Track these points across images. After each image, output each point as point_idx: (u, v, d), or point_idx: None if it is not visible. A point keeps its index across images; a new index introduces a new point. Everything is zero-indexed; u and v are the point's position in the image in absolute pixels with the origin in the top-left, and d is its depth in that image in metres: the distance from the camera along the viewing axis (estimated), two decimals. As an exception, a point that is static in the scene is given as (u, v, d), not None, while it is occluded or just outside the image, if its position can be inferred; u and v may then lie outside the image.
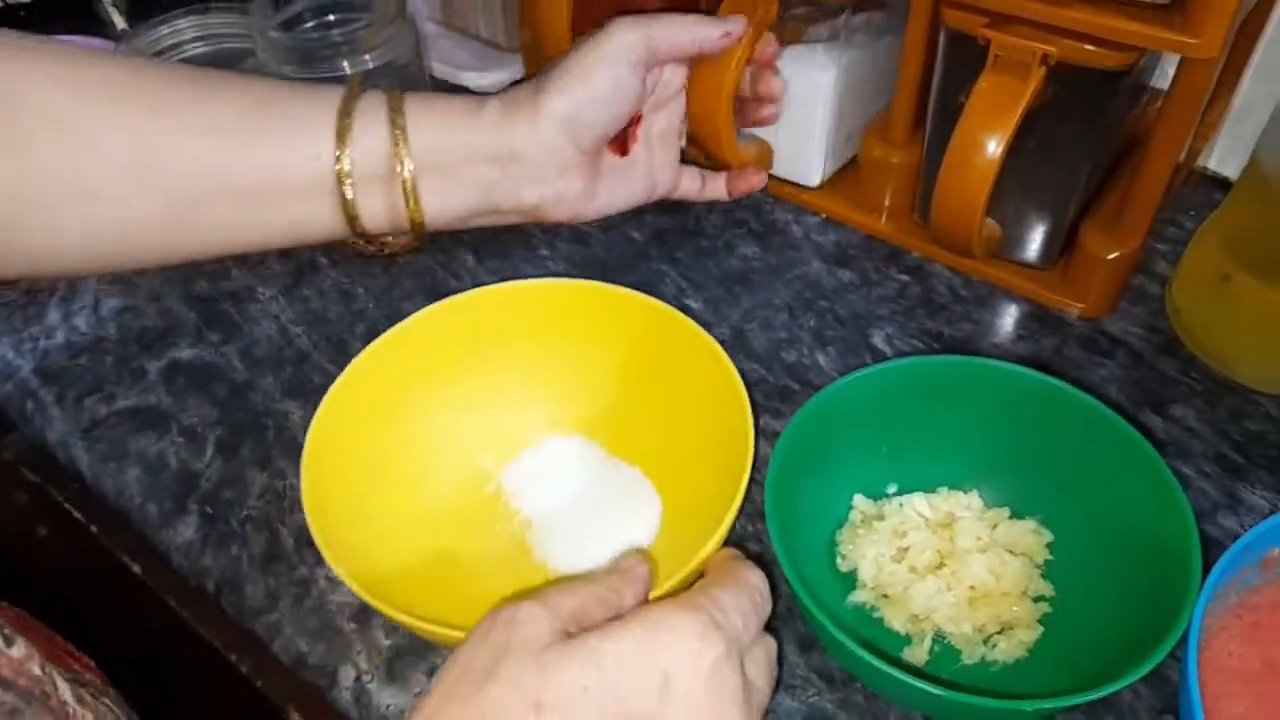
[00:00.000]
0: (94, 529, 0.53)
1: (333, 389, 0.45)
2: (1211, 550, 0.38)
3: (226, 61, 0.61)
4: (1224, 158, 0.65)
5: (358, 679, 0.44)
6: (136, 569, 0.51)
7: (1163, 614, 0.36)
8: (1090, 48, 0.47)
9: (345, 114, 0.42)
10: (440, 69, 0.79)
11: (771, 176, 0.67)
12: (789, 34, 0.60)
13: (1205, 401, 0.53)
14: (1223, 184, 0.65)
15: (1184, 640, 0.35)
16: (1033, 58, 0.47)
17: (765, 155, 0.65)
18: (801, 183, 0.66)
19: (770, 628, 0.44)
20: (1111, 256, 0.55)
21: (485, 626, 0.30)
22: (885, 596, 0.44)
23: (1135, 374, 0.55)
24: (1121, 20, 0.46)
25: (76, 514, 0.54)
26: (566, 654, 0.29)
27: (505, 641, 0.29)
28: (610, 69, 0.45)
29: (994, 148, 0.49)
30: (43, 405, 0.56)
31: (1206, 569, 0.37)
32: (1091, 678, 0.35)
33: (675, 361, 0.48)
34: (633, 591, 0.34)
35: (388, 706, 0.43)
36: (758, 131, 0.65)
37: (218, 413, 0.55)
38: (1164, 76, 0.58)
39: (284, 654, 0.45)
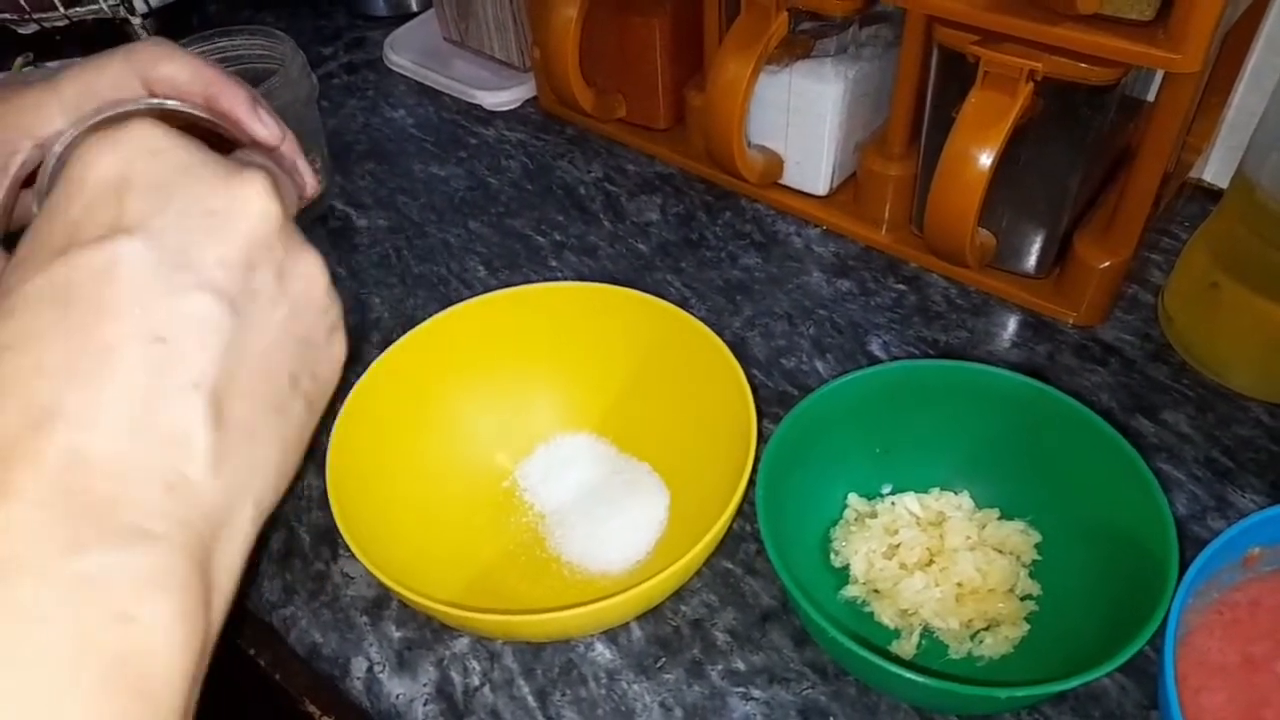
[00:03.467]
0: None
1: (353, 391, 0.47)
2: (1197, 551, 0.39)
3: (251, 82, 0.63)
4: (1219, 169, 0.66)
5: (369, 670, 0.46)
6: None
7: (1143, 611, 0.38)
8: (1076, 64, 0.49)
9: None
10: (456, 87, 0.82)
11: (780, 185, 0.69)
12: (798, 47, 0.63)
13: (1196, 407, 0.54)
14: (1217, 195, 0.66)
15: (1162, 634, 0.36)
16: (1020, 74, 0.49)
17: (774, 165, 0.67)
18: (809, 191, 0.68)
19: (756, 614, 0.46)
20: (1103, 266, 0.56)
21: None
22: (876, 591, 0.45)
23: (1127, 381, 0.56)
24: (1106, 37, 0.47)
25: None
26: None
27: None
28: None
29: (984, 160, 0.51)
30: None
31: (1188, 568, 0.38)
32: (1073, 672, 0.36)
33: (683, 361, 0.50)
34: None
35: (398, 696, 0.45)
36: (767, 143, 0.67)
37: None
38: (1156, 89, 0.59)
39: (299, 646, 0.47)
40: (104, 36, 0.82)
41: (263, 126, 0.36)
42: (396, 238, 0.69)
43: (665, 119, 0.74)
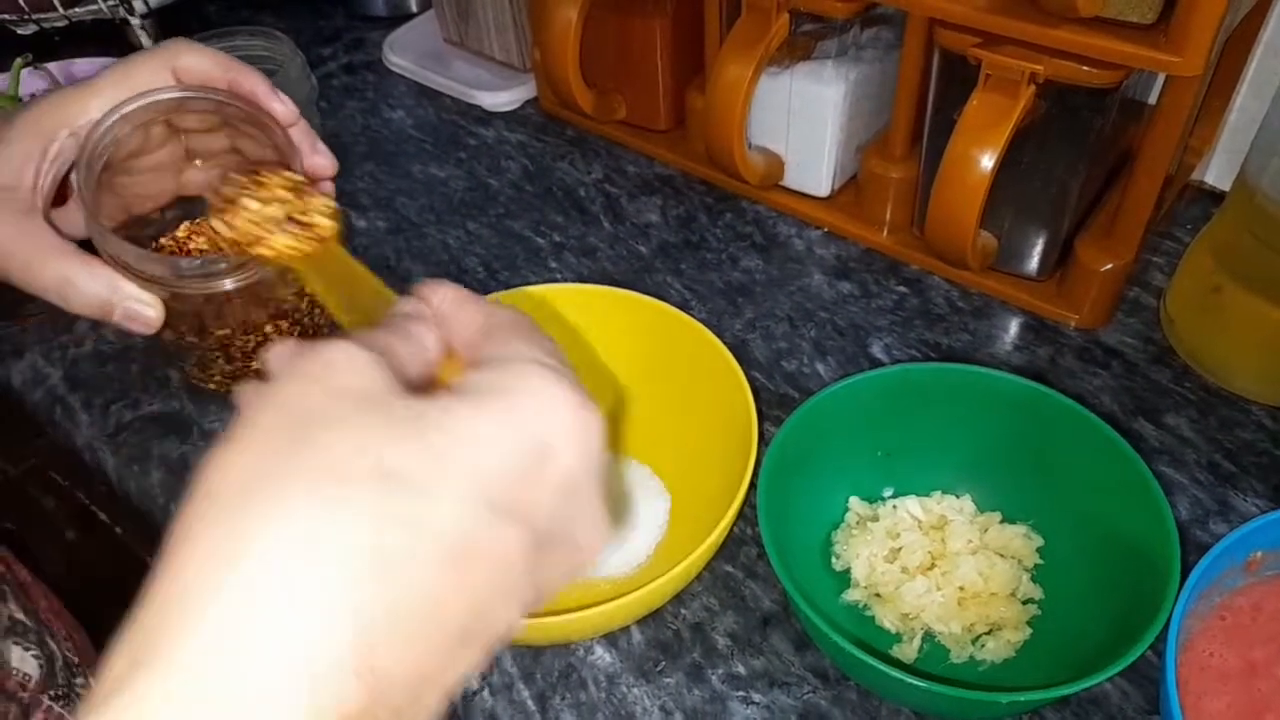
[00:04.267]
0: (119, 530, 0.56)
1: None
2: (1200, 556, 0.39)
3: (250, 82, 0.63)
4: (1221, 172, 0.66)
5: (368, 673, 0.46)
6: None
7: (1144, 615, 0.37)
8: (1078, 66, 0.49)
9: None
10: (456, 88, 0.81)
11: (781, 187, 0.68)
12: (799, 49, 0.62)
13: (1198, 410, 0.54)
14: (1218, 198, 0.65)
15: (1164, 639, 0.36)
16: (1022, 76, 0.49)
17: (775, 167, 0.67)
18: (811, 193, 0.68)
19: (757, 618, 0.46)
20: (1105, 268, 0.56)
21: (293, 370, 0.23)
22: (877, 595, 0.45)
23: (1129, 384, 0.56)
24: (1107, 40, 0.47)
25: (102, 515, 0.56)
26: (417, 413, 0.22)
27: (331, 383, 0.22)
28: None
29: (986, 163, 0.50)
30: (71, 411, 0.58)
31: (1191, 572, 0.38)
32: (1075, 677, 0.36)
33: (684, 363, 0.50)
34: (433, 336, 0.27)
35: (396, 699, 0.45)
36: (768, 144, 0.67)
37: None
38: (1158, 93, 0.59)
39: (298, 649, 0.47)
40: (103, 37, 0.82)
41: (281, 105, 0.41)
42: (395, 239, 0.69)
43: (666, 120, 0.74)
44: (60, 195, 0.40)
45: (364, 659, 0.19)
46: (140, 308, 0.39)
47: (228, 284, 0.40)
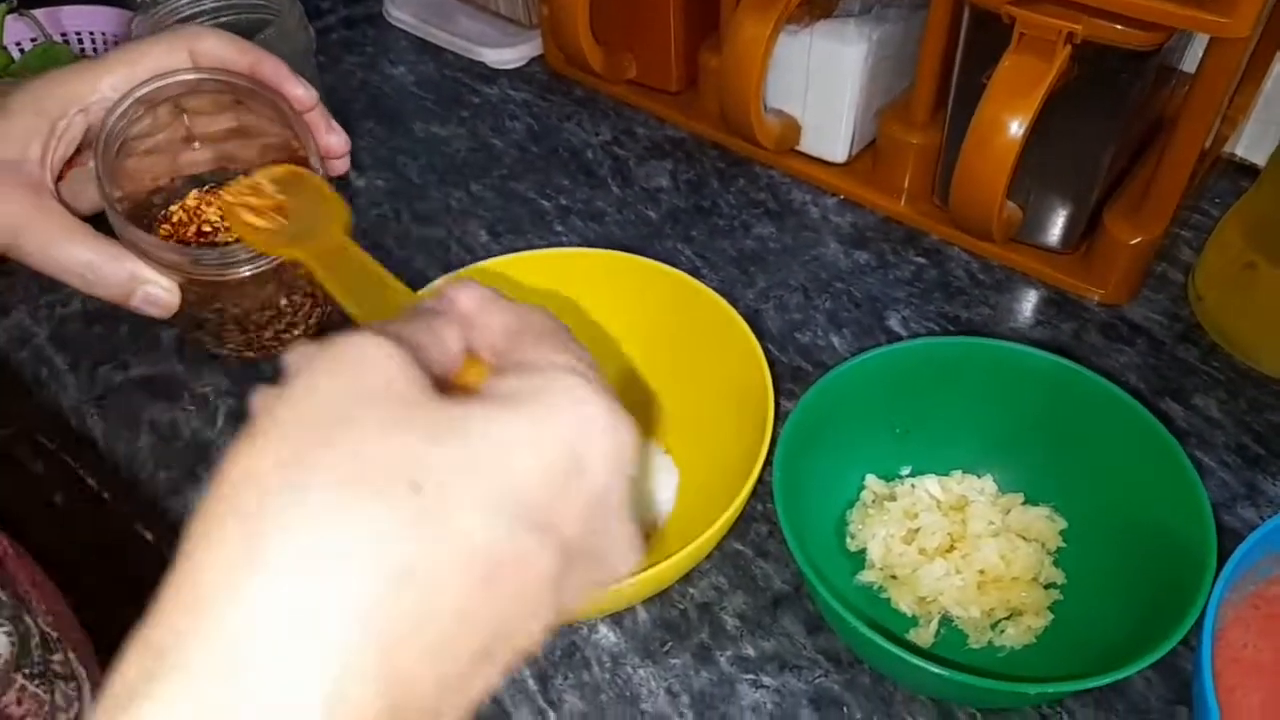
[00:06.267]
0: (106, 496, 0.54)
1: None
2: (1229, 541, 0.37)
3: (245, 30, 0.60)
4: (1253, 144, 0.64)
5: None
6: (149, 535, 0.51)
7: (1175, 603, 0.36)
8: (1117, 27, 0.46)
9: None
10: (459, 44, 0.79)
11: (797, 152, 0.66)
12: (820, 6, 0.60)
13: (1226, 391, 0.52)
14: (1251, 171, 0.63)
15: (1198, 630, 0.35)
16: (1058, 36, 0.47)
17: (791, 131, 0.65)
18: (827, 159, 0.65)
19: (768, 598, 0.44)
20: (1134, 242, 0.54)
21: (317, 366, 0.21)
22: (893, 577, 0.44)
23: (1155, 362, 0.54)
24: (1150, -2, 0.45)
25: (90, 480, 0.54)
26: (458, 417, 0.21)
27: (362, 381, 0.21)
28: None
29: (1016, 129, 0.48)
30: (57, 372, 0.56)
31: (1223, 559, 0.36)
32: (1100, 665, 0.35)
33: (695, 333, 0.47)
34: (456, 335, 0.25)
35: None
36: (784, 107, 0.64)
37: (228, 382, 0.55)
38: (1193, 60, 0.57)
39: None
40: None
41: (301, 89, 0.42)
42: (396, 200, 0.67)
43: (678, 81, 0.71)
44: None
45: (385, 673, 0.18)
46: (159, 292, 0.39)
47: (245, 271, 0.41)
